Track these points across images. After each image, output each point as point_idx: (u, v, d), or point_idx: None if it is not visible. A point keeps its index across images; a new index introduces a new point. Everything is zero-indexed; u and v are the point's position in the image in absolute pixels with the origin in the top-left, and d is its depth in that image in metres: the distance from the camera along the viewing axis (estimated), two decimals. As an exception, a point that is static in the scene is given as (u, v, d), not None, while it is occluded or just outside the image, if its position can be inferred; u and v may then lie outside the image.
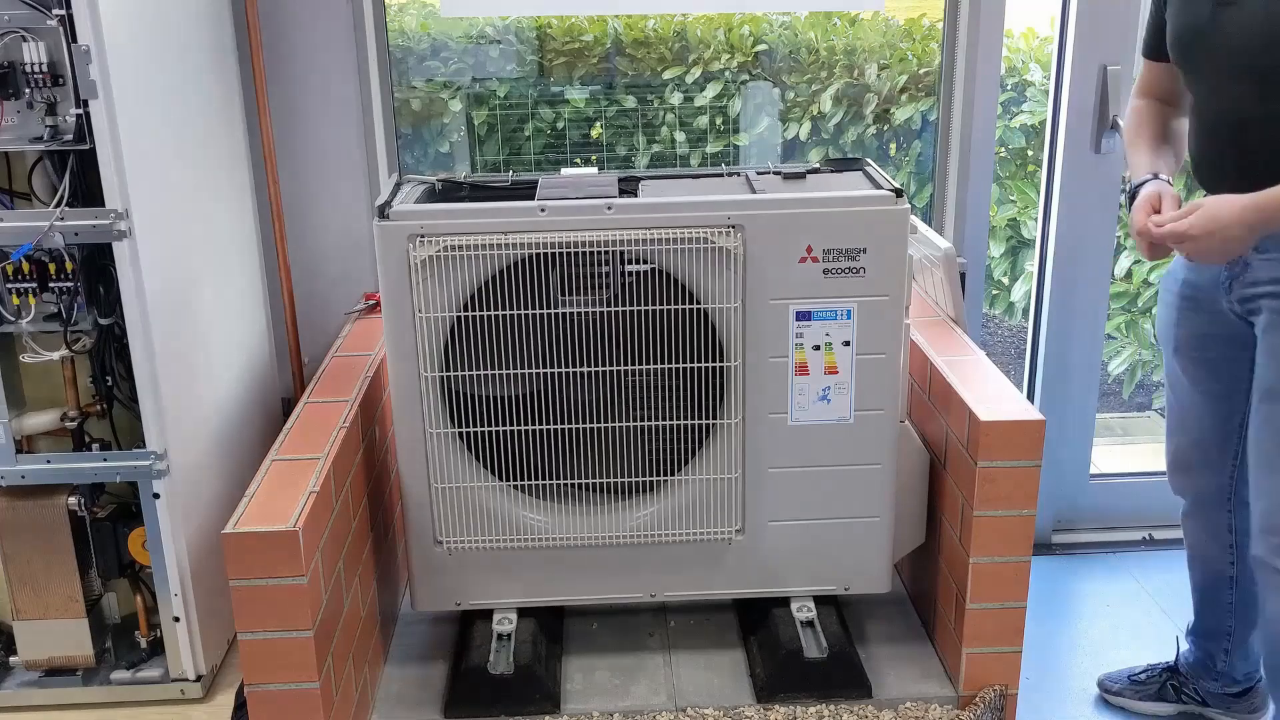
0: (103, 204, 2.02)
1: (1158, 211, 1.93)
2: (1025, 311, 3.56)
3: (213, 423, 2.39)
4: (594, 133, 3.04)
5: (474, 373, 2.10)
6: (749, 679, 2.28)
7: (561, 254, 2.04)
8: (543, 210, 2.03)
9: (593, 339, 2.09)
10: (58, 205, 2.03)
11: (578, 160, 3.04)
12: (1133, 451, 3.62)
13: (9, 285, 2.07)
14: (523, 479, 2.18)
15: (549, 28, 2.97)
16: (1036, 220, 2.91)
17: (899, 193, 2.06)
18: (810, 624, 2.28)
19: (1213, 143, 1.95)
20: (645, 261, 2.06)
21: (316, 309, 2.77)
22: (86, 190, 2.04)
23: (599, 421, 2.14)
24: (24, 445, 2.19)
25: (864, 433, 2.16)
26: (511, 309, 2.06)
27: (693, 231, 2.02)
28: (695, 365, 2.11)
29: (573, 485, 2.21)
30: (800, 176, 2.27)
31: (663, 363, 2.11)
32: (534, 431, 2.14)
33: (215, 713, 2.29)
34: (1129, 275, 3.71)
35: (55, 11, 1.92)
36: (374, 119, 2.67)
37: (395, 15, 2.86)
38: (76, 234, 2.03)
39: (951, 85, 2.77)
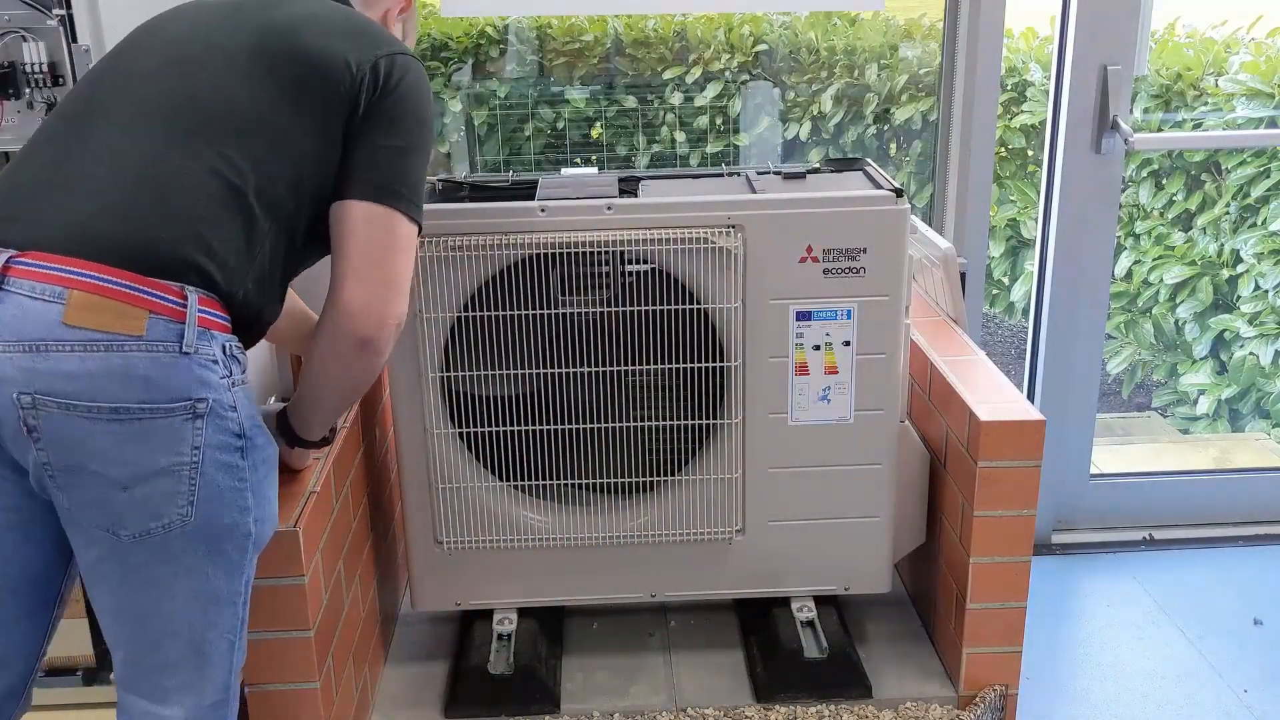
0: (103, 204, 2.01)
1: None
2: (1025, 311, 3.56)
3: (213, 423, 2.39)
4: (594, 133, 3.04)
5: (475, 373, 2.10)
6: (749, 679, 2.28)
7: (561, 254, 2.04)
8: (543, 210, 2.02)
9: (593, 339, 2.09)
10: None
11: (578, 160, 3.04)
12: (1133, 451, 3.62)
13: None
14: (523, 479, 2.18)
15: (549, 28, 2.97)
16: (1036, 220, 2.91)
17: (899, 193, 2.05)
18: (810, 624, 2.28)
19: None
20: (645, 261, 2.06)
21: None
22: (86, 190, 2.04)
23: (599, 421, 2.14)
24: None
25: (864, 433, 2.16)
26: (512, 309, 2.06)
27: (693, 231, 2.02)
28: (695, 365, 2.11)
29: (573, 485, 2.20)
30: (800, 176, 2.27)
31: (663, 363, 2.11)
32: (534, 431, 2.14)
33: (215, 713, 2.29)
34: (1129, 275, 3.71)
35: (55, 11, 1.92)
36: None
37: (395, 15, 2.86)
38: (77, 234, 2.02)
39: (951, 85, 2.77)
